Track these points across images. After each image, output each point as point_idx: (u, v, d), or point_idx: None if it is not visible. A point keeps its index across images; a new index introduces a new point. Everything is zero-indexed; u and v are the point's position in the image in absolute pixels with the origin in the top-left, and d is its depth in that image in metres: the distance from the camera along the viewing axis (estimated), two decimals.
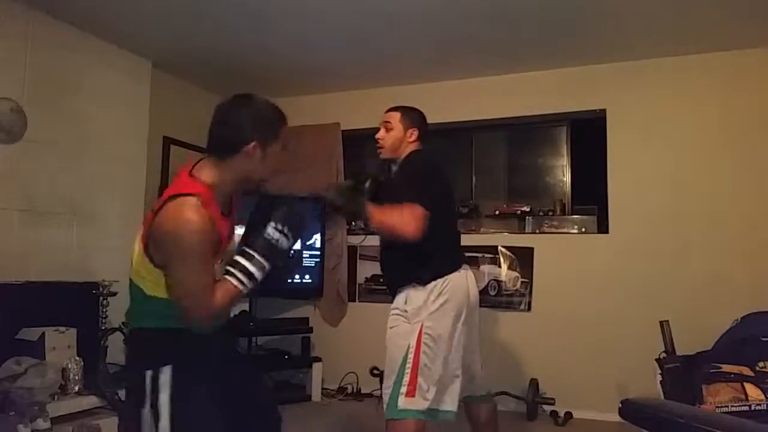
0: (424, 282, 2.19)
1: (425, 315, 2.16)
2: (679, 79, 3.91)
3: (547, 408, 3.87)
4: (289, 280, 4.37)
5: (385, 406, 2.16)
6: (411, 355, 2.11)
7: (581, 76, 4.15)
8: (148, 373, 1.51)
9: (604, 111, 4.11)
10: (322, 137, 4.76)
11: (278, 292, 4.47)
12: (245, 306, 4.35)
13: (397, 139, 2.38)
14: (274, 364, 4.35)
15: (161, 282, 1.52)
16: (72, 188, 3.60)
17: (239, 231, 1.69)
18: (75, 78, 3.64)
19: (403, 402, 2.08)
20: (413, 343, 2.13)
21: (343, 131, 4.78)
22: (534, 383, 3.83)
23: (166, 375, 1.50)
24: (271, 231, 1.55)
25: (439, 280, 2.18)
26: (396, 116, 2.41)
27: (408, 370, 2.10)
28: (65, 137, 3.57)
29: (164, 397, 1.49)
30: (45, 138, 3.41)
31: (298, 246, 4.40)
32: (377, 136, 2.43)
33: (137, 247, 1.57)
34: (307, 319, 4.53)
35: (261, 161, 1.59)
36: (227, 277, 1.52)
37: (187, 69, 4.40)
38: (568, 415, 3.79)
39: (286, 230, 1.57)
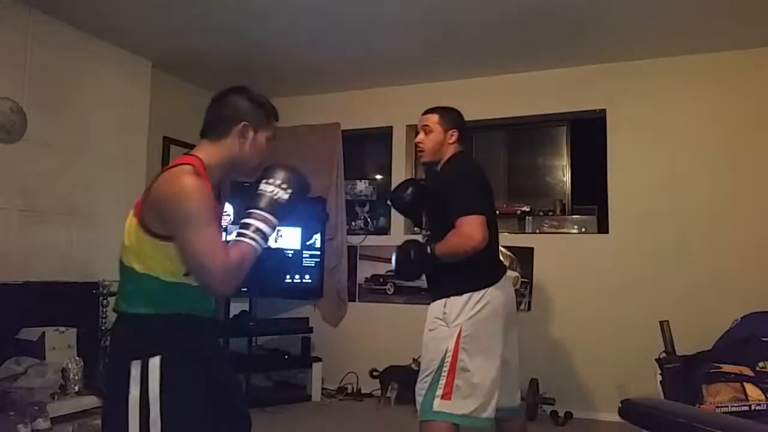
0: (464, 292, 2.16)
1: (464, 319, 2.12)
2: (678, 79, 3.91)
3: (547, 408, 3.87)
4: (289, 280, 4.37)
5: (418, 407, 2.14)
6: (449, 358, 2.09)
7: (581, 76, 4.15)
8: (135, 363, 1.46)
9: (604, 111, 4.11)
10: (322, 137, 4.76)
11: (278, 292, 4.47)
12: (245, 306, 4.35)
13: (437, 143, 2.29)
14: (274, 364, 4.34)
15: (156, 256, 1.48)
16: (72, 188, 3.60)
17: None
18: (75, 78, 3.64)
19: (438, 404, 2.07)
20: (451, 346, 2.10)
21: (343, 131, 4.78)
22: (534, 383, 3.83)
23: (155, 365, 1.45)
24: (265, 186, 1.56)
25: (480, 291, 2.15)
26: (434, 118, 2.32)
27: (445, 373, 2.08)
28: (65, 137, 3.57)
29: (154, 388, 1.44)
30: (45, 138, 3.41)
31: (298, 246, 4.40)
32: (417, 140, 2.35)
33: (130, 222, 1.54)
34: (307, 319, 4.52)
35: (251, 146, 1.62)
36: (239, 238, 1.52)
37: (187, 69, 4.39)
38: (568, 415, 3.79)
39: (282, 184, 1.57)
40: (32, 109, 3.32)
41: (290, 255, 4.37)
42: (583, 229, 4.20)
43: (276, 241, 4.33)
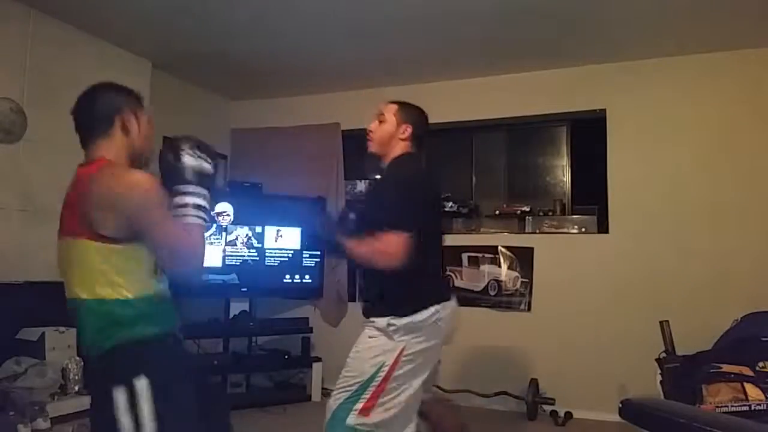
0: (412, 312, 1.97)
1: (410, 337, 1.95)
2: (679, 79, 3.91)
3: (547, 408, 3.87)
4: (289, 280, 4.37)
5: (328, 414, 1.97)
6: (382, 373, 1.92)
7: (581, 76, 4.15)
8: (119, 390, 1.40)
9: (604, 111, 4.11)
10: (322, 137, 4.76)
11: (278, 292, 4.47)
12: (245, 306, 4.35)
13: (387, 133, 2.18)
14: (274, 364, 4.35)
15: (120, 264, 1.46)
16: None
17: None
18: (75, 78, 3.60)
19: (355, 419, 1.90)
20: (389, 361, 1.93)
21: (343, 131, 4.78)
22: (534, 383, 3.83)
23: (142, 385, 1.41)
24: (188, 159, 1.52)
25: (431, 309, 1.98)
26: (391, 109, 2.22)
27: (373, 387, 1.91)
28: (65, 137, 3.53)
29: (146, 407, 1.40)
30: (45, 138, 3.41)
31: (298, 246, 4.39)
32: (368, 127, 2.25)
33: (70, 248, 1.54)
34: (307, 319, 4.52)
35: (141, 131, 1.64)
36: (188, 220, 1.48)
37: (187, 69, 4.39)
38: (568, 415, 3.79)
39: (200, 154, 1.54)
40: (32, 109, 3.32)
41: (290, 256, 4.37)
42: (583, 229, 4.20)
43: (276, 241, 4.33)
